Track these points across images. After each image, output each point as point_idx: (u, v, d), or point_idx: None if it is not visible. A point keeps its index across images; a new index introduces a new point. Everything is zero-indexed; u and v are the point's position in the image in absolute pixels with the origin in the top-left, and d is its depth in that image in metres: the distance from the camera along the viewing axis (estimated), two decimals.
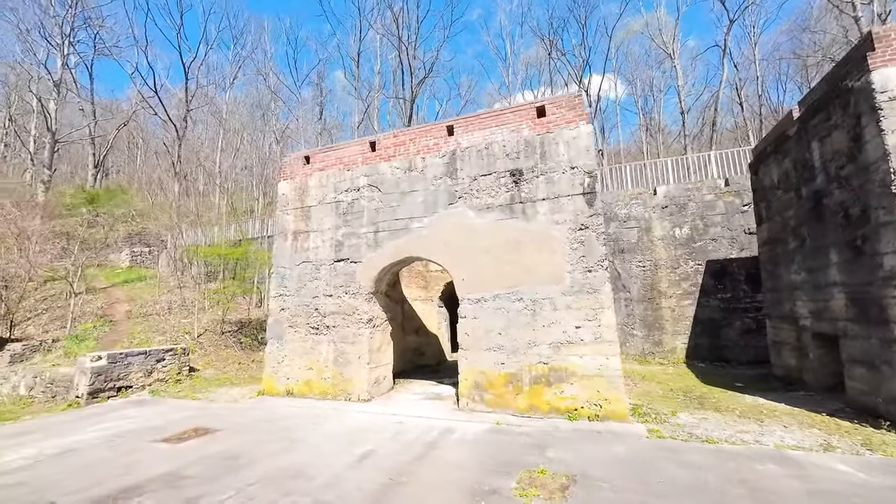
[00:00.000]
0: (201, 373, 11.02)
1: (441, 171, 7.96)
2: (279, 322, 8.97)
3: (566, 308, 6.68)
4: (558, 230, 6.92)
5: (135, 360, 9.38)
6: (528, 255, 7.04)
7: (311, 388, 8.34)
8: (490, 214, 7.43)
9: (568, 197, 6.95)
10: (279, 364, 8.75)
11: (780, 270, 8.61)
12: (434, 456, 5.03)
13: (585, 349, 6.46)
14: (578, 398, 6.37)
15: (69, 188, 24.38)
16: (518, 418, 6.45)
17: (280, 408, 7.64)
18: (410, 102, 26.66)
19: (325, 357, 8.35)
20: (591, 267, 6.64)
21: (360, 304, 8.25)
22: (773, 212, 8.80)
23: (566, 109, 7.22)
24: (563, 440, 5.43)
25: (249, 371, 11.77)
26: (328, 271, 8.66)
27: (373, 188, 8.52)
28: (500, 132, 7.64)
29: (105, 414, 7.62)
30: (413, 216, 8.03)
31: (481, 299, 7.25)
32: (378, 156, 8.64)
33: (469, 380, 7.09)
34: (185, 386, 9.99)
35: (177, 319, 13.83)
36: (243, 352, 13.04)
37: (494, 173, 7.53)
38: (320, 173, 9.17)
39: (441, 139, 8.13)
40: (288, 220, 9.34)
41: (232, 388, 9.67)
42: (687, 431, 5.68)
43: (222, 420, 6.91)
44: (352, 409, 7.42)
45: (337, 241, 8.69)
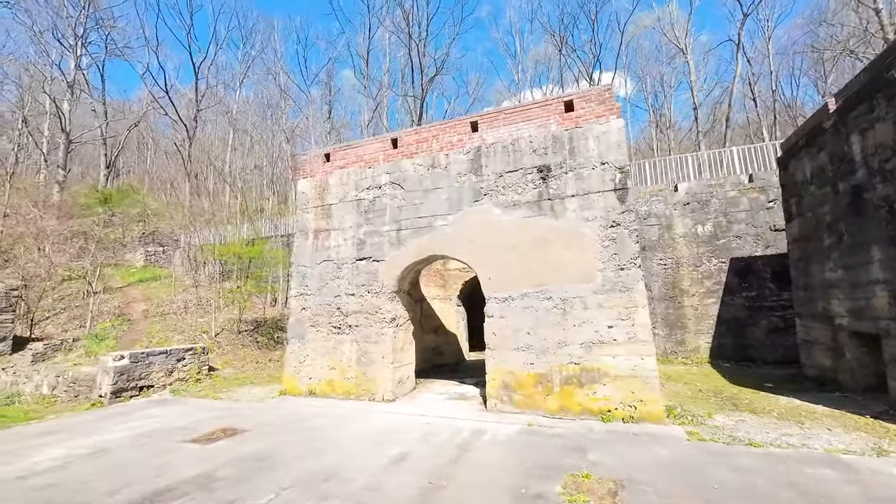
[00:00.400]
0: (220, 372, 10.99)
1: (465, 167, 7.83)
2: (300, 321, 8.90)
3: (598, 307, 6.52)
4: (589, 227, 6.76)
5: (156, 360, 9.37)
6: (556, 252, 6.89)
7: (333, 387, 8.26)
8: (517, 211, 7.28)
9: (598, 193, 6.78)
10: (301, 364, 8.68)
11: (813, 268, 8.37)
12: (469, 458, 4.90)
13: (619, 349, 6.30)
14: (612, 399, 6.21)
15: (83, 188, 24.56)
16: (549, 419, 6.31)
17: (304, 408, 7.57)
18: (420, 100, 26.54)
19: (348, 357, 8.26)
20: (624, 265, 6.47)
21: (383, 303, 8.15)
22: (805, 208, 8.56)
23: (596, 103, 7.05)
24: (601, 442, 5.28)
25: (267, 370, 11.73)
26: (350, 270, 8.57)
27: (395, 186, 8.41)
28: (527, 128, 7.48)
29: (129, 413, 7.59)
30: (437, 214, 7.90)
31: (508, 298, 7.11)
32: (400, 153, 8.52)
33: (497, 380, 6.96)
34: (206, 385, 9.96)
35: (193, 318, 13.84)
36: (260, 351, 13.01)
37: (521, 169, 7.37)
38: (341, 171, 9.07)
39: (465, 135, 7.99)
40: (308, 219, 9.26)
41: (253, 388, 9.62)
42: (727, 434, 5.51)
43: (248, 420, 6.84)
44: (377, 409, 7.32)
45: (359, 239, 8.59)
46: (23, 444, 6.05)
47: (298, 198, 9.49)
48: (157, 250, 20.97)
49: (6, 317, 10.83)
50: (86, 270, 13.52)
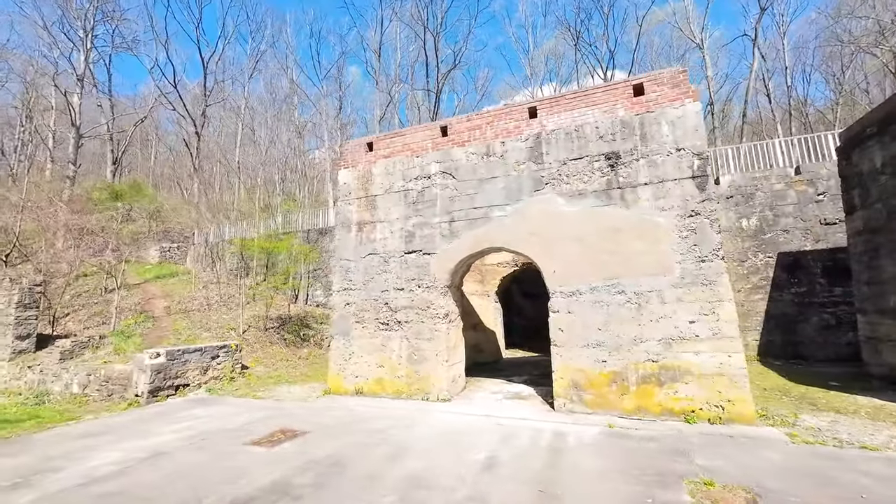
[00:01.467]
0: (252, 370, 10.62)
1: (524, 155, 7.45)
2: (345, 318, 8.52)
3: (677, 301, 6.15)
4: (664, 217, 6.38)
5: (191, 358, 8.99)
6: (628, 244, 6.52)
7: (383, 386, 7.89)
8: (583, 201, 6.91)
9: (675, 181, 6.41)
10: (346, 361, 8.31)
11: (883, 262, 8.01)
12: (567, 464, 4.54)
13: (702, 346, 5.94)
14: (696, 399, 5.85)
15: (96, 183, 24.12)
16: (628, 420, 5.95)
17: (358, 408, 7.19)
18: (436, 94, 26.09)
19: (398, 354, 7.89)
20: (705, 256, 6.10)
21: (435, 299, 7.78)
22: (874, 198, 8.19)
23: (669, 87, 6.67)
24: (701, 445, 4.92)
25: (299, 368, 11.36)
26: (398, 264, 8.19)
27: (446, 175, 8.03)
28: (591, 113, 7.10)
29: (172, 414, 7.22)
30: (493, 204, 7.52)
31: (575, 292, 6.75)
32: (450, 141, 8.14)
33: (565, 379, 6.60)
34: (241, 384, 9.59)
35: (218, 315, 13.45)
36: (288, 348, 12.64)
37: (587, 157, 6.99)
38: (385, 161, 8.68)
39: (522, 122, 7.60)
40: (351, 211, 8.87)
41: (291, 387, 9.25)
42: (829, 436, 5.15)
43: (304, 421, 6.47)
44: (435, 409, 6.95)
45: (407, 231, 8.21)
46: (69, 446, 5.68)
47: (339, 189, 9.10)
48: (171, 247, 20.57)
49: (30, 313, 10.43)
50: (110, 266, 13.10)
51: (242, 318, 12.60)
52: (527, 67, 33.72)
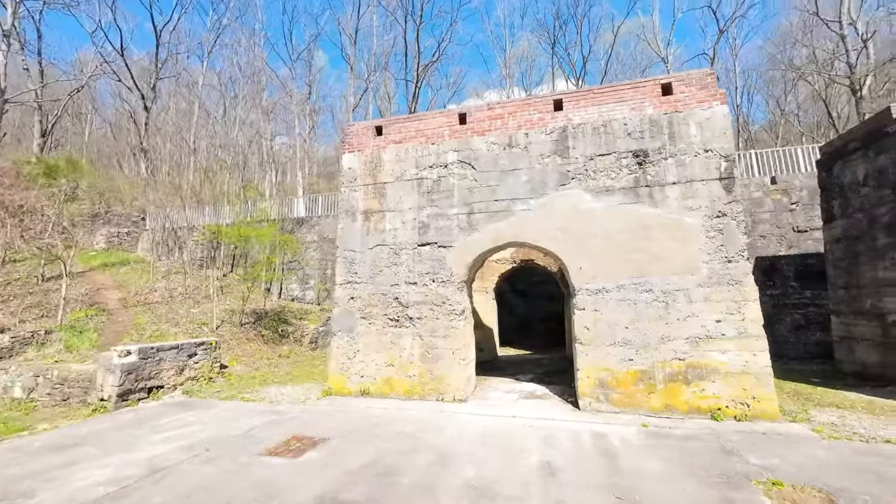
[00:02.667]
0: (231, 370, 9.65)
1: (549, 148, 7.24)
2: (349, 313, 7.90)
3: (704, 300, 6.22)
4: (692, 217, 6.44)
5: (167, 356, 7.96)
6: (656, 242, 6.51)
7: (392, 387, 7.39)
8: (610, 198, 6.82)
9: (702, 182, 6.48)
10: (350, 360, 7.71)
11: (861, 267, 8.69)
12: (626, 467, 4.37)
13: (728, 344, 6.04)
14: (722, 397, 5.94)
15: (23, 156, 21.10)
16: (658, 419, 5.93)
17: (371, 410, 6.66)
18: (416, 85, 25.44)
19: (409, 352, 7.42)
20: (732, 257, 6.21)
21: (451, 294, 7.39)
22: (855, 208, 8.86)
23: (697, 88, 6.73)
24: (742, 443, 4.94)
25: (282, 367, 10.50)
26: (410, 256, 7.70)
27: (464, 165, 7.65)
28: (620, 109, 7.03)
29: (152, 420, 6.29)
30: (516, 197, 7.26)
31: (602, 290, 6.65)
32: (469, 129, 7.77)
33: (591, 378, 6.48)
34: (222, 385, 8.65)
35: (184, 309, 12.14)
36: (267, 346, 11.68)
37: (615, 153, 6.92)
38: (396, 146, 8.14)
39: (546, 114, 7.40)
40: (356, 198, 8.24)
41: (282, 388, 8.47)
42: (849, 431, 5.39)
43: (316, 425, 5.86)
44: (455, 410, 6.58)
45: (421, 222, 7.74)
46: (34, 464, 4.72)
47: (343, 174, 8.43)
48: (119, 232, 18.42)
49: None
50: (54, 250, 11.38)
51: (216, 312, 11.45)
52: (502, 67, 33.93)
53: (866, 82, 23.54)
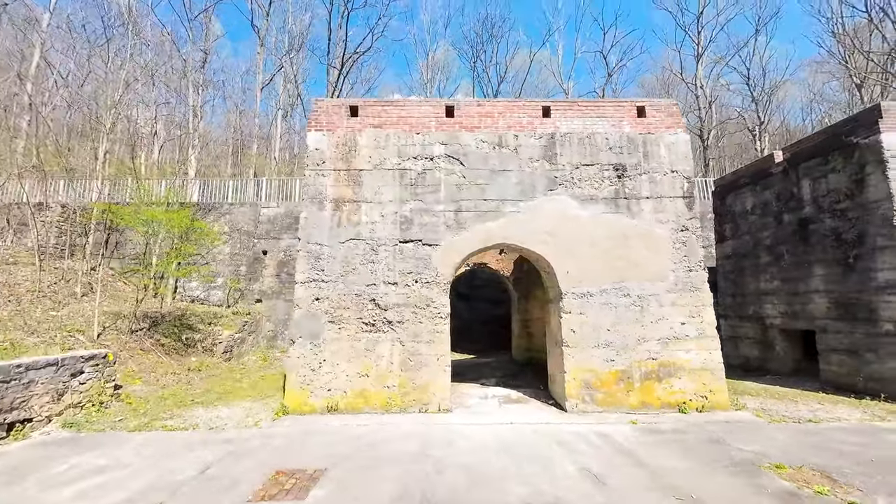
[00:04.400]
0: (129, 390, 7.47)
1: (538, 153, 7.31)
2: (313, 316, 6.77)
3: (671, 305, 6.90)
4: (662, 229, 7.12)
5: (38, 376, 5.76)
6: (634, 251, 7.03)
7: (366, 400, 6.53)
8: (594, 206, 7.16)
9: (670, 198, 7.23)
10: (314, 372, 6.59)
11: (746, 279, 10.74)
12: (652, 465, 4.49)
13: (691, 344, 6.79)
14: (686, 392, 6.63)
15: None
16: (638, 415, 6.33)
17: (349, 428, 5.74)
18: (339, 72, 23.72)
19: (388, 360, 6.67)
20: (693, 266, 7.03)
21: (436, 296, 6.88)
22: (742, 231, 10.93)
23: (665, 115, 7.52)
24: (723, 433, 5.52)
25: (197, 384, 8.54)
26: (391, 254, 6.97)
27: (452, 160, 7.26)
28: (602, 124, 7.46)
29: (35, 471, 4.43)
30: (506, 198, 7.14)
31: (587, 294, 6.91)
32: (457, 123, 7.42)
33: (577, 380, 6.64)
34: (121, 411, 6.62)
35: (41, 312, 9.05)
36: (169, 357, 9.39)
37: (598, 164, 7.30)
38: (375, 131, 7.34)
39: (535, 118, 7.47)
40: (324, 184, 7.16)
41: (212, 409, 6.83)
42: (779, 414, 6.49)
43: (296, 455, 4.80)
44: (446, 421, 6.09)
45: (403, 216, 7.07)
46: None
47: (310, 155, 7.26)
48: None
49: None
50: None
51: (97, 315, 8.76)
52: (424, 72, 34.02)
53: (710, 134, 29.78)
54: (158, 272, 10.07)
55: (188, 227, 9.93)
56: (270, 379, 9.54)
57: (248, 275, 13.55)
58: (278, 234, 13.91)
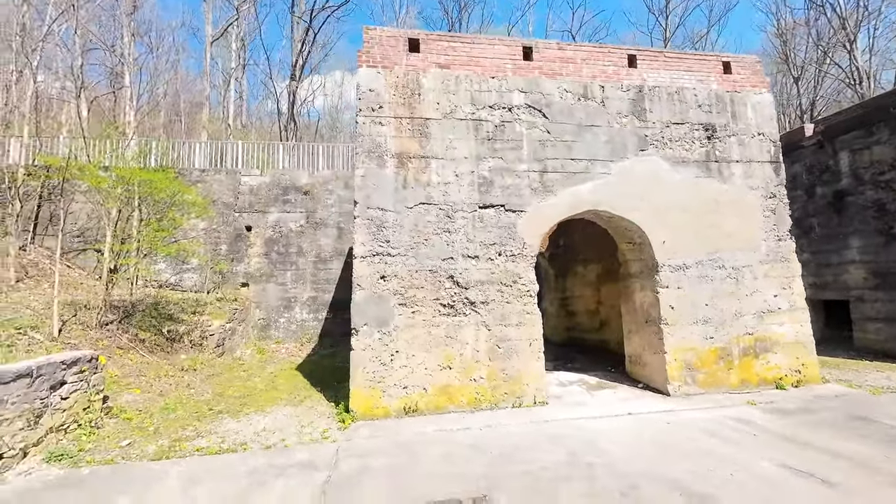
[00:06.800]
0: (120, 402, 5.67)
1: (626, 107, 6.43)
2: (380, 298, 5.45)
3: (764, 276, 6.47)
4: (753, 195, 6.63)
5: (8, 393, 3.97)
6: (725, 218, 6.48)
7: (451, 397, 5.42)
8: (686, 169, 6.47)
9: (759, 163, 6.73)
10: (385, 367, 5.33)
11: None
12: (826, 448, 3.94)
13: (784, 317, 6.43)
14: (782, 367, 6.29)
15: None
16: (744, 395, 5.86)
17: (455, 434, 4.62)
18: (309, 28, 20.90)
19: (473, 348, 5.57)
20: (782, 235, 6.64)
21: (523, 271, 5.85)
22: None
23: (750, 72, 6.96)
24: (857, 407, 5.19)
25: (201, 387, 6.85)
26: (469, 221, 5.78)
27: (534, 111, 6.15)
28: (689, 79, 6.73)
29: None
30: (596, 158, 6.21)
31: (683, 266, 6.26)
32: (536, 68, 6.29)
33: (678, 360, 6.02)
34: (122, 431, 4.93)
35: None
36: (153, 356, 7.48)
37: (687, 123, 6.58)
38: (442, 72, 6.00)
39: (621, 68, 6.56)
40: (383, 135, 5.74)
41: (246, 421, 5.34)
42: (867, 384, 6.37)
43: (424, 482, 3.64)
44: (551, 416, 5.18)
45: (481, 177, 5.89)
46: None
47: (363, 97, 5.75)
48: None
49: None
50: None
51: (56, 306, 6.60)
52: None
53: None
54: (127, 252, 7.91)
55: (174, 192, 7.82)
56: (286, 376, 8.02)
57: (230, 254, 11.47)
58: (264, 208, 11.88)
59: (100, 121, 18.42)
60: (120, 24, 20.11)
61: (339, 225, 12.21)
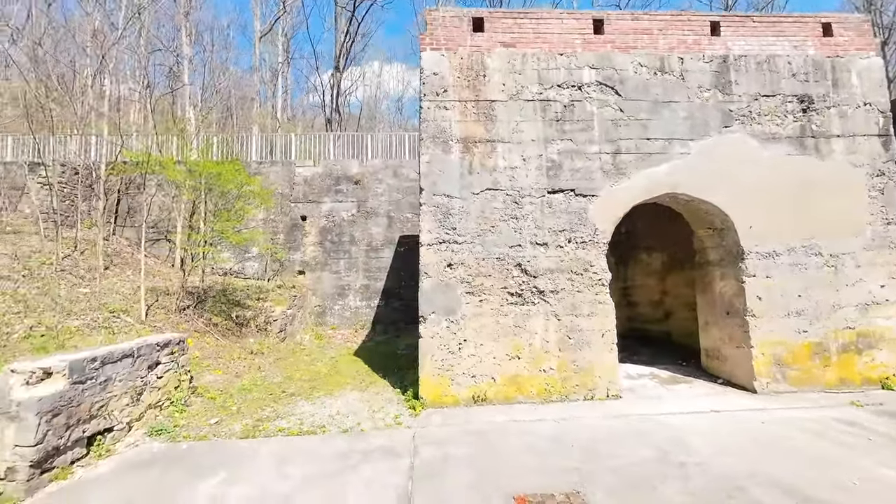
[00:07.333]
0: (201, 380, 6.04)
1: (708, 80, 5.89)
2: (446, 287, 5.40)
3: (869, 265, 5.79)
4: (857, 174, 5.91)
5: (115, 372, 4.28)
6: (823, 200, 5.82)
7: (520, 387, 5.31)
8: (776, 146, 5.86)
9: (864, 136, 5.98)
10: (454, 355, 5.29)
11: None
12: None
13: (891, 310, 5.74)
14: (889, 365, 5.63)
15: None
16: (844, 394, 5.32)
17: (528, 426, 4.52)
18: (352, 16, 21.03)
19: (542, 338, 5.41)
20: (891, 218, 5.89)
21: (595, 258, 5.58)
22: None
23: (855, 34, 6.15)
24: None
25: (272, 370, 7.17)
26: (537, 207, 5.57)
27: (605, 88, 5.77)
28: (781, 45, 6.05)
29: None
30: (674, 137, 5.76)
31: (772, 253, 5.72)
32: (608, 42, 5.88)
33: (766, 355, 5.55)
34: (208, 410, 5.23)
35: (65, 289, 7.35)
36: (226, 339, 7.92)
37: (779, 95, 5.94)
38: (508, 51, 5.75)
39: (703, 37, 6.00)
40: (448, 119, 5.61)
41: (318, 404, 5.51)
42: None
43: (509, 473, 3.55)
44: (628, 411, 4.94)
45: (550, 160, 5.63)
46: None
47: (426, 81, 5.64)
48: None
49: None
50: None
51: (143, 292, 7.13)
52: None
53: None
54: (201, 241, 8.36)
55: (241, 183, 8.17)
56: (346, 361, 8.24)
57: (287, 243, 11.88)
58: (318, 198, 12.18)
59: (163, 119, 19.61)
60: (178, 25, 21.16)
61: (388, 214, 12.30)
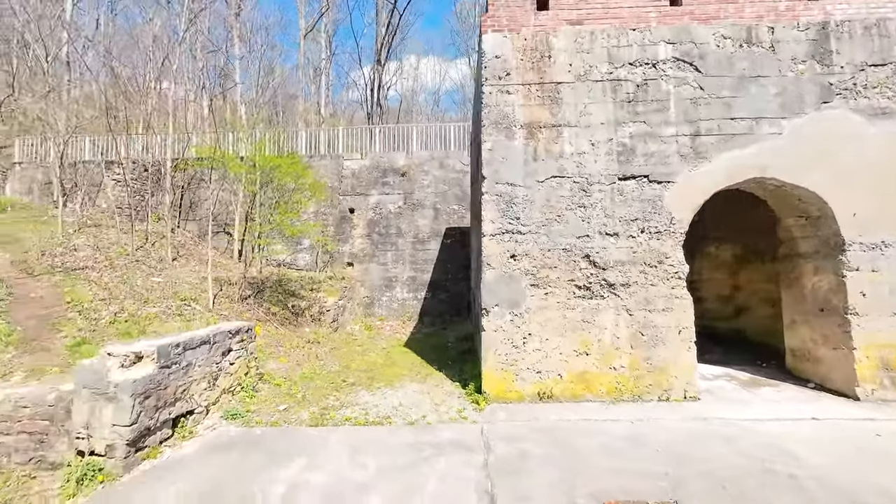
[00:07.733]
0: (266, 367, 6.23)
1: (803, 50, 5.27)
2: (511, 278, 5.21)
3: None
4: None
5: (195, 357, 4.45)
6: None
7: (588, 385, 5.05)
8: (887, 122, 5.16)
9: None
10: (517, 349, 5.11)
11: None
12: None
13: None
14: None
15: None
16: None
17: (601, 425, 4.28)
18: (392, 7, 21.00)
19: (612, 334, 5.10)
20: None
21: (670, 249, 5.18)
22: None
23: None
24: None
25: (328, 359, 7.31)
26: (606, 195, 5.24)
27: (683, 65, 5.31)
28: (892, 3, 5.31)
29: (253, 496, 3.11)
30: (762, 116, 5.21)
31: (880, 244, 5.07)
32: (686, 14, 5.39)
33: (871, 358, 4.95)
34: (275, 396, 5.37)
35: (143, 278, 7.84)
36: (284, 328, 8.16)
37: (891, 64, 5.22)
38: (574, 29, 5.41)
39: (797, 2, 5.37)
40: (511, 104, 5.37)
41: (379, 395, 5.52)
42: None
43: (591, 476, 3.34)
44: (711, 414, 4.56)
45: (620, 144, 5.27)
46: None
47: (488, 65, 5.42)
48: None
49: None
50: None
51: (211, 281, 7.48)
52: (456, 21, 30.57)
53: None
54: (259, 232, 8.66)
55: (298, 176, 8.37)
56: (398, 352, 8.27)
57: (336, 235, 12.11)
58: (366, 190, 12.30)
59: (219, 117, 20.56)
60: (229, 26, 22.04)
61: (435, 206, 12.22)
